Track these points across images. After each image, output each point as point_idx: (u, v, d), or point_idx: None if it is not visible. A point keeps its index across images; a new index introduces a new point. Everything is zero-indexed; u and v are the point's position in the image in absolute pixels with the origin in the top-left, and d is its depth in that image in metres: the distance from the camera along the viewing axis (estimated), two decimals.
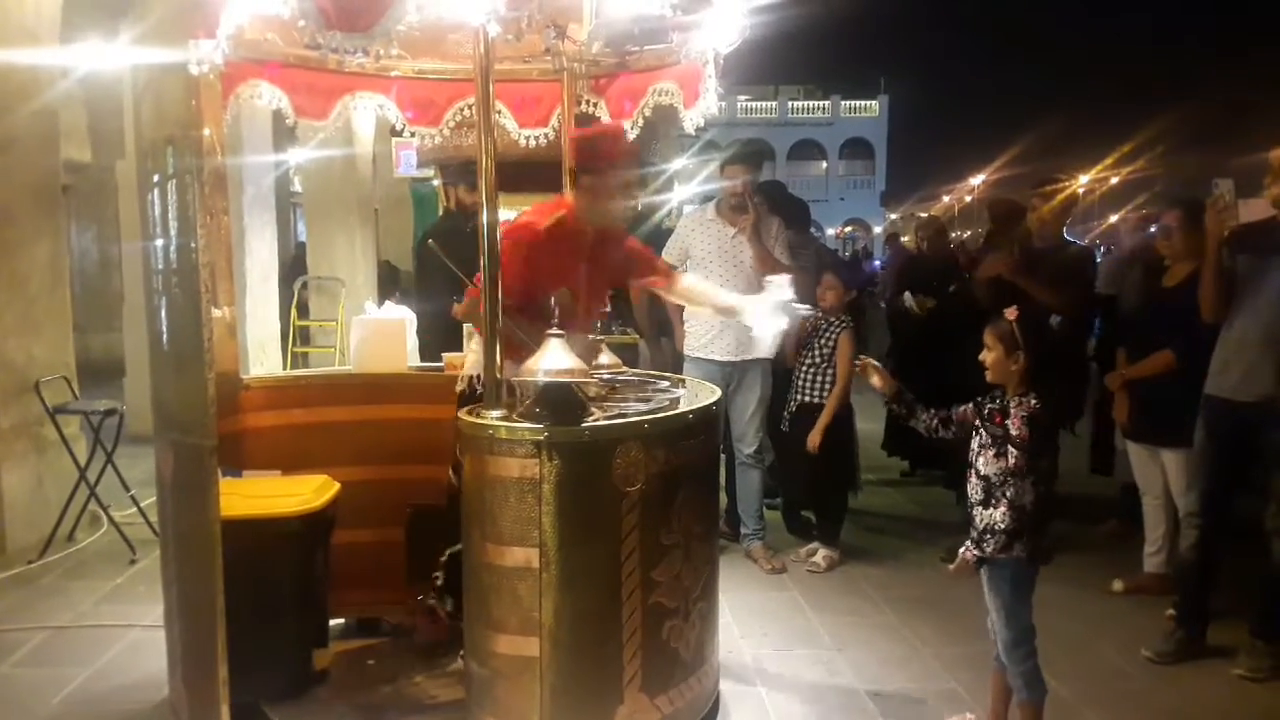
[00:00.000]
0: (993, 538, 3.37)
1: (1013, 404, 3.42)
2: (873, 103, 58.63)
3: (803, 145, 58.33)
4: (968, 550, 3.46)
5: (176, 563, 3.59)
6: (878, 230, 52.74)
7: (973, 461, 3.51)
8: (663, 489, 3.35)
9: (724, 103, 4.23)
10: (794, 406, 5.72)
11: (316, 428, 4.41)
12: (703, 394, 3.97)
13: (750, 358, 5.63)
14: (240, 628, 3.29)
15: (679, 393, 4.01)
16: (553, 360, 3.25)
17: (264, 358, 9.09)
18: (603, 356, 4.13)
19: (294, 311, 11.44)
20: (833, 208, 54.21)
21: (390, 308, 5.15)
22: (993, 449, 3.43)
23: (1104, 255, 10.42)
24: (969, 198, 48.57)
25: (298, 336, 11.49)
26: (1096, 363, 6.58)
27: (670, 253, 5.88)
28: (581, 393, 3.33)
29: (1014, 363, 3.42)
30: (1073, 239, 7.00)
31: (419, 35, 3.66)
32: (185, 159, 3.25)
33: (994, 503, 3.39)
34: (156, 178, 3.48)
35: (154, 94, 3.52)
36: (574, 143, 4.10)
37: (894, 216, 52.55)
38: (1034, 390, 3.42)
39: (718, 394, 3.97)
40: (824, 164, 59.20)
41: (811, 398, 5.64)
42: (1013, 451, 3.35)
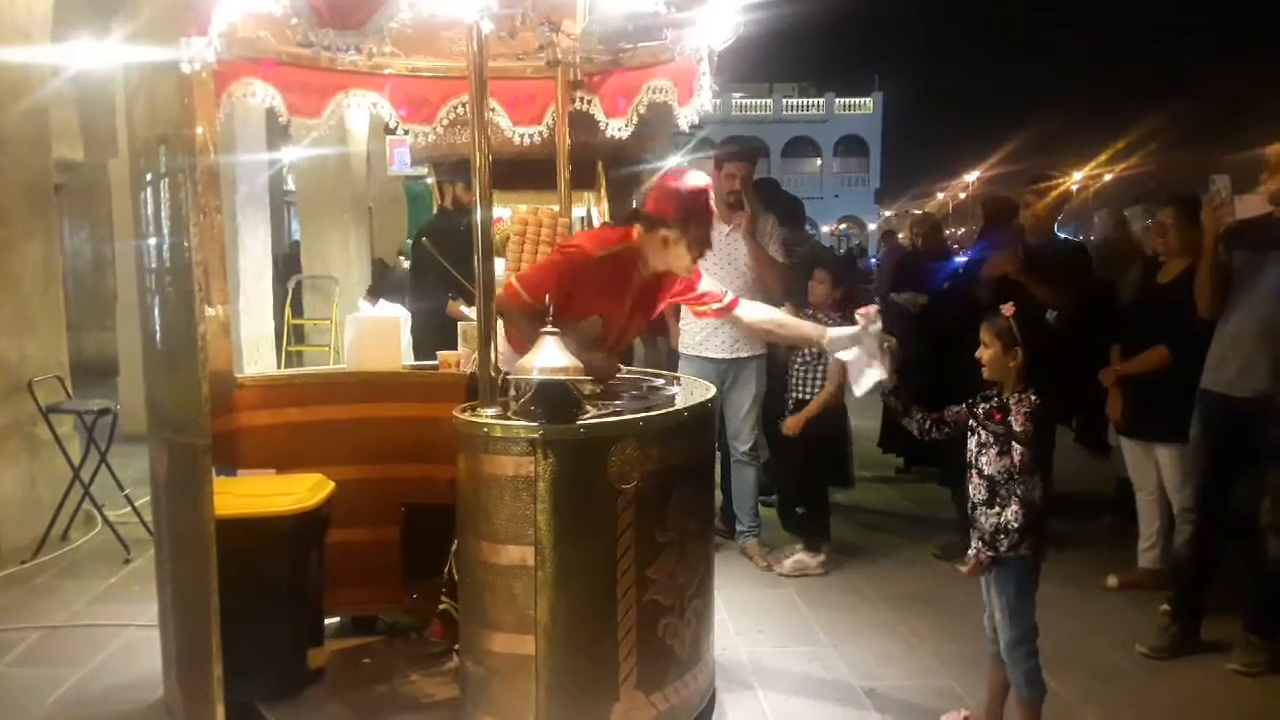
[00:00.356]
0: (1006, 537, 3.34)
1: (1012, 401, 3.41)
2: (867, 100, 58.60)
3: (797, 143, 58.30)
4: (980, 552, 3.42)
5: (171, 562, 3.58)
6: (872, 227, 52.76)
7: (973, 462, 3.49)
8: (658, 486, 3.36)
9: (718, 100, 4.20)
10: (790, 404, 5.71)
11: (311, 426, 4.40)
12: (698, 391, 3.97)
13: (745, 355, 5.63)
14: (235, 627, 3.28)
15: (674, 390, 4.00)
16: (547, 358, 3.25)
17: (258, 356, 9.07)
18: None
19: (288, 310, 11.44)
20: (827, 205, 54.20)
21: (385, 306, 5.14)
22: (994, 447, 3.41)
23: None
24: (963, 195, 48.63)
25: (292, 335, 11.49)
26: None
27: None
28: (576, 391, 3.32)
29: (1011, 359, 3.41)
30: (1065, 235, 6.99)
31: (412, 33, 3.65)
32: (178, 157, 3.24)
33: (1001, 502, 3.36)
34: (149, 176, 3.47)
35: (146, 92, 3.51)
36: (663, 194, 3.84)
37: (888, 214, 52.55)
38: (1033, 386, 3.41)
39: (712, 391, 3.97)
40: (818, 161, 59.16)
41: (804, 394, 5.62)
42: (1018, 448, 3.34)
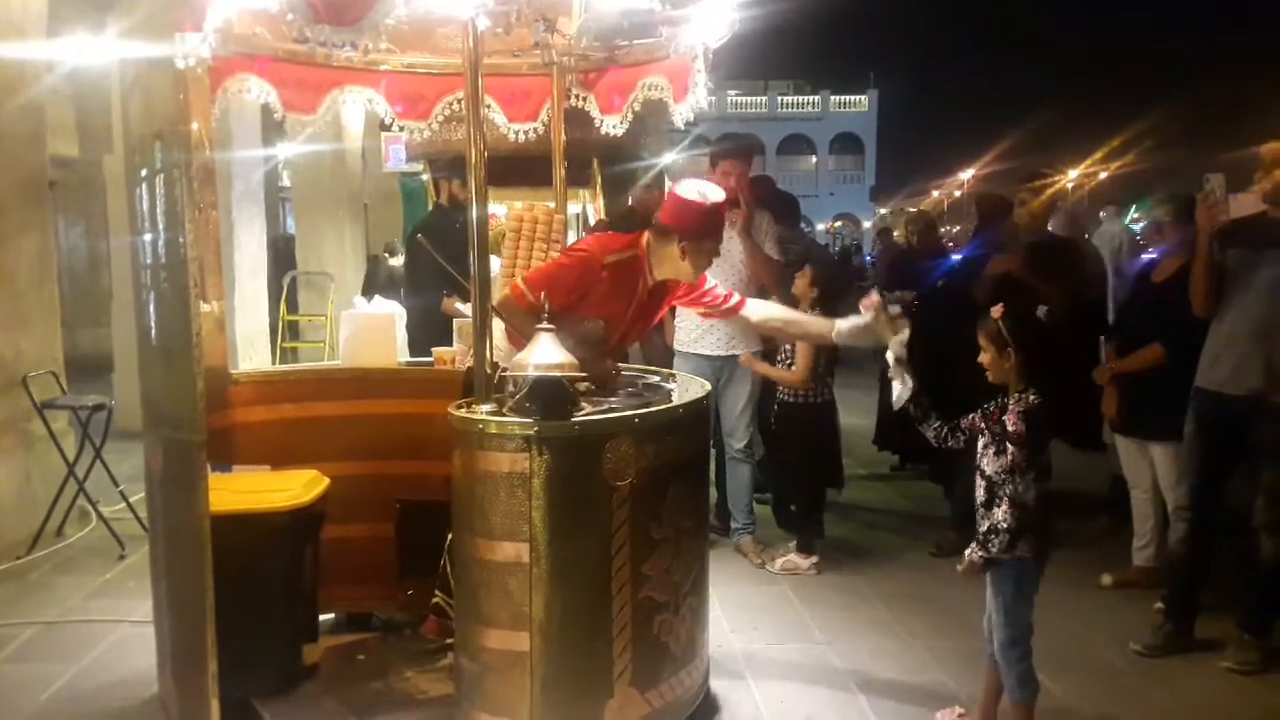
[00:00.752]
0: (996, 537, 3.34)
1: (1011, 400, 3.41)
2: (862, 98, 58.63)
3: (792, 140, 58.32)
4: (973, 552, 3.42)
5: (166, 558, 3.58)
6: (867, 225, 52.74)
7: (978, 463, 3.49)
8: (653, 483, 3.36)
9: (713, 97, 4.22)
10: (776, 406, 5.69)
11: (306, 423, 4.40)
12: (693, 389, 3.96)
13: (740, 353, 5.63)
14: (230, 623, 3.28)
15: (669, 387, 4.00)
16: (543, 355, 3.25)
17: (253, 352, 9.07)
18: None
19: (283, 306, 11.43)
20: (822, 203, 54.17)
21: (380, 302, 5.14)
22: (993, 447, 3.42)
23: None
24: (958, 193, 48.65)
25: (287, 331, 11.48)
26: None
27: None
28: (572, 387, 3.32)
29: (1006, 360, 3.40)
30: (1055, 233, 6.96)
31: (408, 29, 3.65)
32: (173, 154, 3.23)
33: (996, 502, 3.37)
34: (144, 173, 3.47)
35: (142, 89, 3.51)
36: (679, 206, 3.82)
37: (883, 211, 52.53)
38: (1033, 386, 3.40)
39: (708, 388, 3.96)
40: (813, 159, 59.19)
41: (786, 395, 5.60)
42: (1010, 448, 3.34)
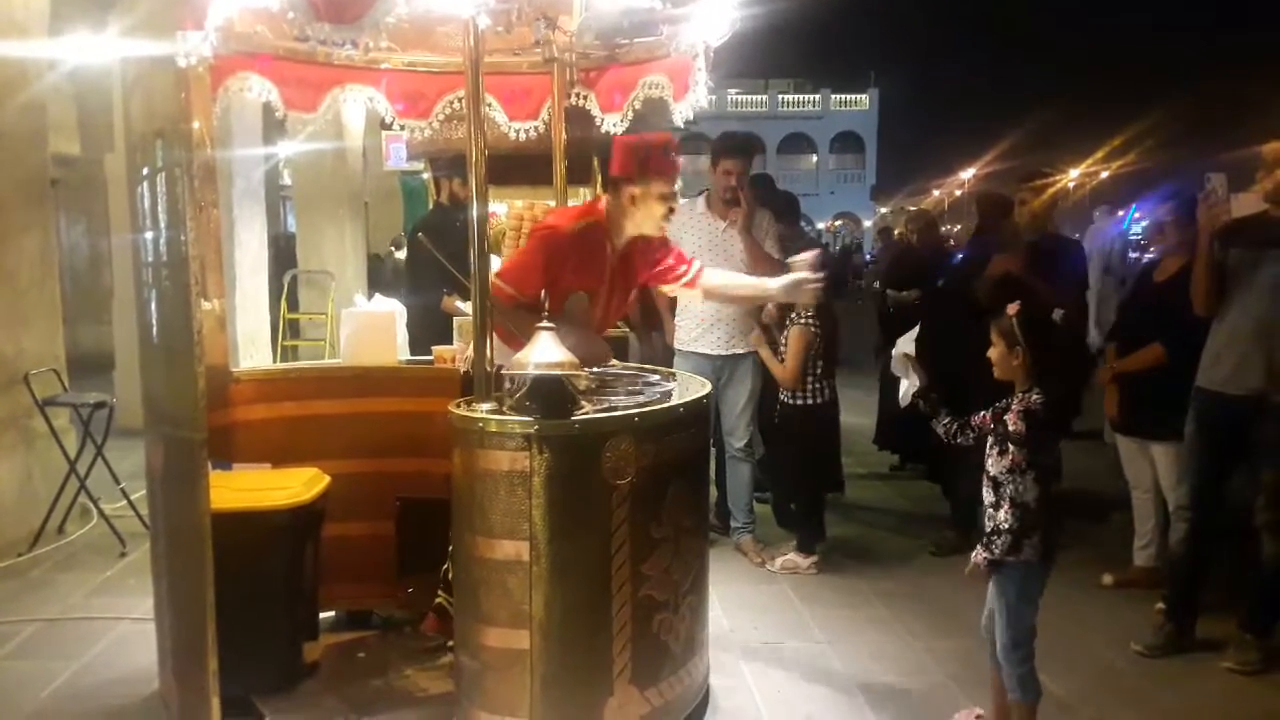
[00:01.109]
0: (1000, 539, 3.33)
1: (1014, 400, 3.41)
2: (863, 96, 58.58)
3: (793, 139, 58.27)
4: (978, 554, 3.40)
5: (166, 556, 3.59)
6: (867, 224, 52.74)
7: (985, 464, 3.48)
8: (653, 482, 3.36)
9: (714, 96, 4.21)
10: (778, 406, 5.68)
11: (306, 421, 4.41)
12: (693, 387, 3.97)
13: (741, 351, 5.64)
14: (230, 621, 3.28)
15: (669, 386, 4.00)
16: (543, 353, 3.25)
17: (254, 351, 9.06)
18: None
19: (284, 304, 11.42)
20: (823, 201, 54.14)
21: (380, 300, 5.14)
22: (997, 447, 3.41)
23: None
24: (959, 192, 48.63)
25: (287, 329, 11.47)
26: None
27: None
28: (572, 386, 3.32)
29: (1015, 358, 3.39)
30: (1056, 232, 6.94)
31: (408, 27, 3.65)
32: (175, 152, 3.24)
33: (1000, 503, 3.36)
34: (146, 171, 3.47)
35: (143, 87, 3.51)
36: (621, 150, 3.94)
37: (884, 210, 52.52)
38: (1038, 386, 3.39)
39: (708, 387, 3.96)
40: (814, 158, 59.15)
41: (787, 395, 5.58)
42: (1011, 447, 3.34)
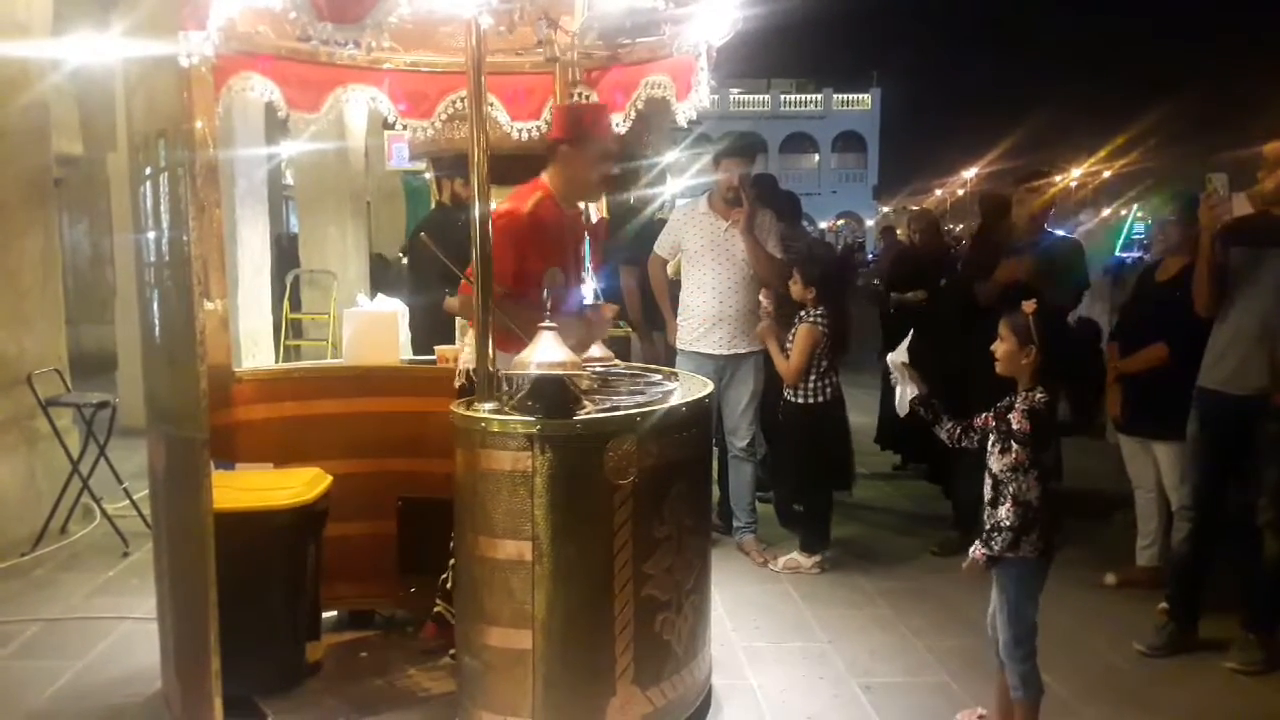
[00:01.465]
0: (1000, 536, 3.33)
1: (1018, 399, 3.41)
2: (865, 96, 58.52)
3: (795, 139, 58.22)
4: (977, 550, 3.40)
5: (169, 555, 3.59)
6: (870, 224, 52.74)
7: (987, 462, 3.48)
8: (655, 482, 3.36)
9: (716, 96, 4.23)
10: (781, 404, 5.68)
11: (309, 420, 4.41)
12: (695, 387, 3.97)
13: (743, 351, 5.64)
14: (233, 620, 3.29)
15: (671, 386, 4.00)
16: (545, 353, 3.25)
17: (256, 351, 9.07)
18: (595, 349, 4.13)
19: (286, 304, 11.43)
20: (825, 201, 54.12)
21: (382, 300, 5.14)
22: (999, 445, 3.41)
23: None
24: (961, 191, 48.61)
25: (290, 329, 11.48)
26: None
27: (663, 246, 5.89)
28: (574, 386, 3.32)
29: (1025, 356, 3.39)
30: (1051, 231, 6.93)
31: (411, 28, 3.66)
32: (177, 152, 3.24)
33: (1001, 500, 3.36)
34: (148, 171, 3.47)
35: (146, 87, 3.53)
36: (556, 114, 4.15)
37: (886, 210, 52.52)
38: (1042, 385, 3.40)
39: (710, 387, 3.97)
40: (816, 157, 59.07)
41: (790, 394, 5.58)
42: (1014, 445, 3.34)
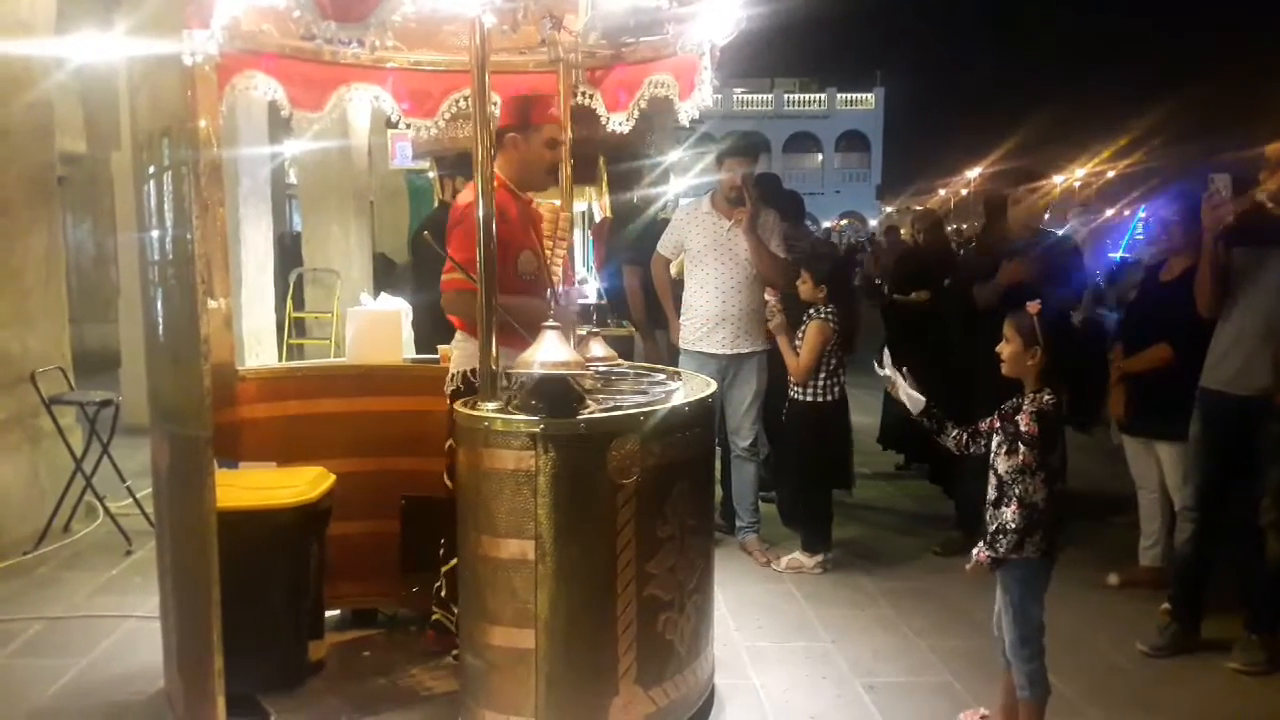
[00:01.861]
0: (1004, 537, 3.32)
1: (1025, 400, 3.40)
2: (868, 95, 58.47)
3: (798, 138, 58.19)
4: (980, 551, 3.39)
5: (172, 554, 3.59)
6: (873, 223, 52.66)
7: (991, 462, 3.48)
8: (658, 481, 3.36)
9: (719, 95, 4.24)
10: (786, 403, 5.67)
11: (312, 419, 4.42)
12: (698, 387, 3.97)
13: (746, 350, 5.64)
14: (236, 619, 3.29)
15: (674, 385, 4.00)
16: (548, 352, 3.25)
17: (259, 349, 9.08)
18: (597, 349, 4.13)
19: (289, 303, 11.44)
20: (828, 200, 54.08)
21: (386, 299, 5.14)
22: (1005, 446, 3.40)
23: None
24: (965, 191, 48.59)
25: (293, 328, 11.49)
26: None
27: (665, 245, 5.88)
28: (577, 385, 3.33)
29: (1030, 357, 3.38)
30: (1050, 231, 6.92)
31: (414, 26, 3.66)
32: (181, 150, 3.24)
33: (1005, 501, 3.35)
34: (152, 169, 3.48)
35: (150, 86, 3.52)
36: (505, 104, 4.14)
37: (889, 209, 52.54)
38: (1048, 386, 3.39)
39: (713, 387, 3.97)
40: (820, 157, 59.02)
41: (796, 393, 5.58)
42: (1022, 447, 3.33)
